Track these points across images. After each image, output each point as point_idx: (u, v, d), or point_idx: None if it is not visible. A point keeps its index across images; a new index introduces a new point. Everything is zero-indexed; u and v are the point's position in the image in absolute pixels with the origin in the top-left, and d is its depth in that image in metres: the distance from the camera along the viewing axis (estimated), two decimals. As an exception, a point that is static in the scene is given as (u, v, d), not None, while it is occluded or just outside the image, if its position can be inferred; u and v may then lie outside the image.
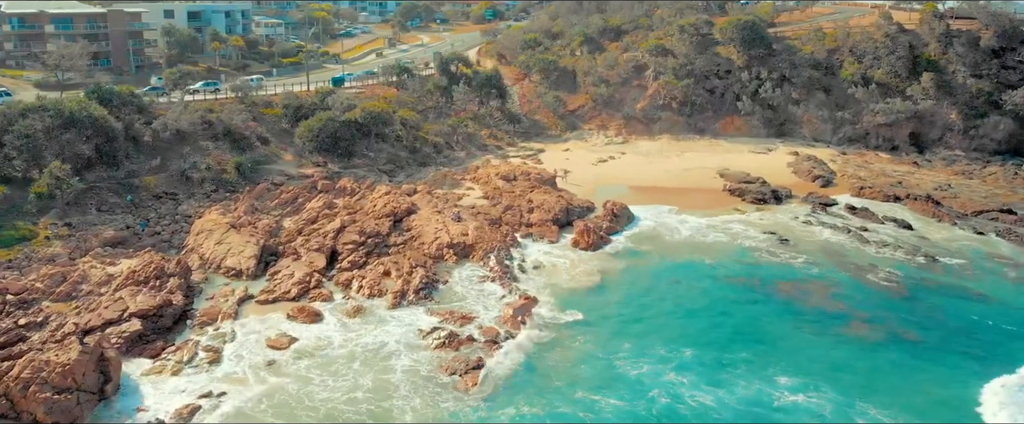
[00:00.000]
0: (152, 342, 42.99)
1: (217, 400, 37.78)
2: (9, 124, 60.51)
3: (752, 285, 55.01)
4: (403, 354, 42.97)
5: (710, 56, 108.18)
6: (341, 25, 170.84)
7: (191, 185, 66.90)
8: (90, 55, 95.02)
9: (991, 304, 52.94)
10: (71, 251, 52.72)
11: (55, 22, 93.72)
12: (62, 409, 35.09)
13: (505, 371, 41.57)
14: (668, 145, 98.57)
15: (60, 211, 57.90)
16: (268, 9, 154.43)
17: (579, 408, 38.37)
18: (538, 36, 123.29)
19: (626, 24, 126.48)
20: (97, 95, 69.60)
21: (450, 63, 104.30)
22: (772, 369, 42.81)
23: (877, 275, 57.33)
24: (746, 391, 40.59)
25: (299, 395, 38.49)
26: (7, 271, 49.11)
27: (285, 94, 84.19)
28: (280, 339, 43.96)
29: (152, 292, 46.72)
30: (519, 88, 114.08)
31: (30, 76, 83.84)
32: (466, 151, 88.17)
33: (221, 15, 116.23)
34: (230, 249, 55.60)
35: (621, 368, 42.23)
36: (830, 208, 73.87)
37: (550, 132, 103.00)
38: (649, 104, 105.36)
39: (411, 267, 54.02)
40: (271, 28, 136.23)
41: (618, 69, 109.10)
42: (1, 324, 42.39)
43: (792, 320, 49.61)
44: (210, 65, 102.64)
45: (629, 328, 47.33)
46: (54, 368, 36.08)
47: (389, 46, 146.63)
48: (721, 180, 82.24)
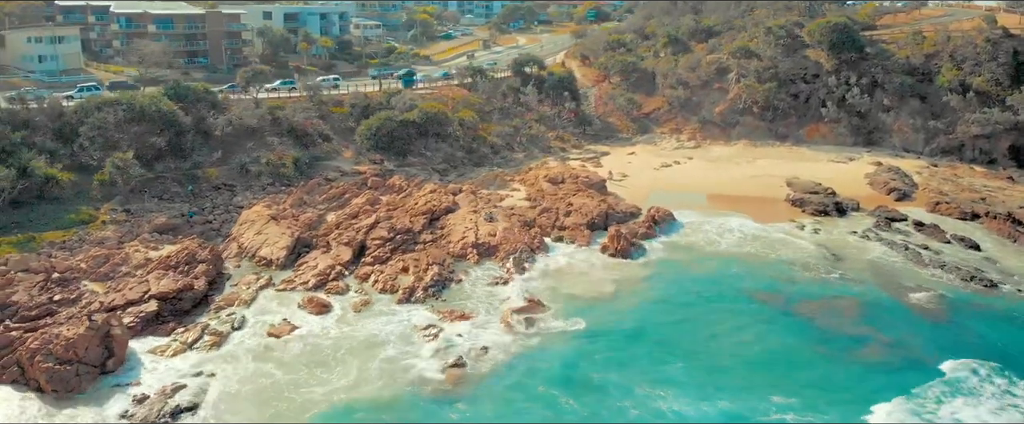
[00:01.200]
0: (166, 322, 46.13)
1: (205, 380, 40.18)
2: (86, 116, 66.18)
3: (776, 302, 52.64)
4: (390, 348, 44.14)
5: (798, 59, 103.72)
6: (443, 27, 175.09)
7: (249, 178, 70.86)
8: (187, 53, 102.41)
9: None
10: (121, 235, 57.19)
11: (157, 22, 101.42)
12: (61, 378, 38.42)
13: (485, 372, 41.87)
14: (742, 151, 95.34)
15: (123, 198, 62.86)
16: (370, 11, 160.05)
17: (546, 415, 38.16)
18: (622, 37, 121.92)
19: (718, 25, 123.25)
20: (174, 91, 74.83)
21: (524, 65, 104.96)
22: (761, 388, 41.04)
23: (920, 298, 53.51)
24: (727, 406, 39.18)
25: (279, 382, 40.33)
26: (61, 251, 53.91)
27: (353, 93, 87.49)
28: (282, 327, 46.14)
29: (177, 276, 50.07)
30: (597, 90, 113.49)
31: (130, 72, 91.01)
32: (526, 152, 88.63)
33: (316, 17, 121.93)
34: (266, 240, 58.64)
35: (600, 379, 41.55)
36: (896, 223, 69.36)
37: (621, 135, 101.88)
38: (728, 108, 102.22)
39: (428, 264, 55.19)
40: (369, 30, 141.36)
41: (699, 71, 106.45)
42: (38, 298, 46.62)
43: (802, 340, 47.19)
44: (298, 64, 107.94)
45: (626, 340, 46.34)
46: (60, 341, 39.55)
47: (483, 48, 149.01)
48: (786, 190, 78.93)
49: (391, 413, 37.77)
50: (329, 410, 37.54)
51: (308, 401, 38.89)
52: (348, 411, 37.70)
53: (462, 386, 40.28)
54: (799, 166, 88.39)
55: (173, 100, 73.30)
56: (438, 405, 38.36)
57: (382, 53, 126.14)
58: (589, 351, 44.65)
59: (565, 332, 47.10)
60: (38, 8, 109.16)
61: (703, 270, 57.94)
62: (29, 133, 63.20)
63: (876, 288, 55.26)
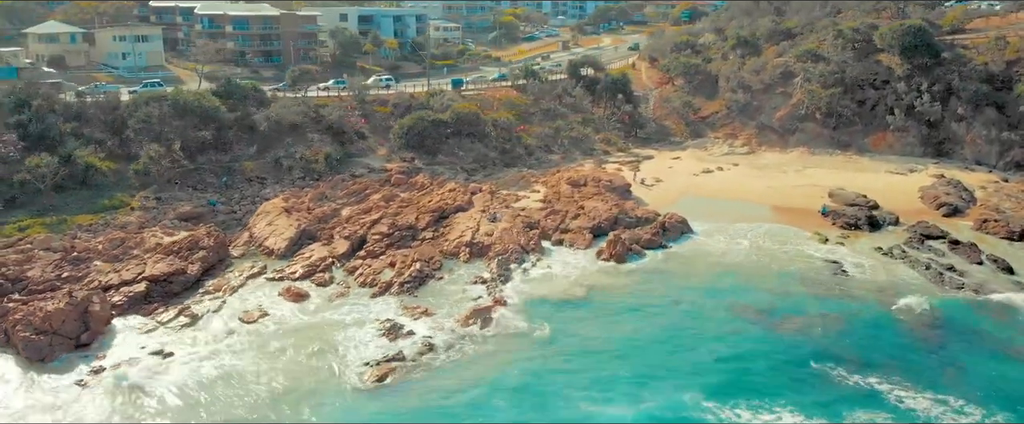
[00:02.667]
0: (152, 303, 49.77)
1: (161, 358, 43.21)
2: (135, 110, 71.83)
3: (757, 316, 50.67)
4: (340, 339, 45.88)
5: (869, 64, 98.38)
6: (531, 28, 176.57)
7: (281, 172, 74.76)
8: (262, 53, 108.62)
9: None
10: (144, 221, 61.91)
11: (233, 23, 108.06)
12: (35, 347, 42.46)
13: (419, 369, 42.81)
14: (796, 159, 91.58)
15: (158, 187, 67.88)
16: (454, 14, 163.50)
17: (457, 415, 38.58)
18: (690, 38, 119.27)
19: (798, 27, 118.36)
20: (224, 88, 79.91)
21: (579, 67, 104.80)
22: (692, 393, 40.32)
23: (918, 319, 50.26)
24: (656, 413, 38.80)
25: (223, 363, 42.80)
26: (86, 233, 59.06)
27: (397, 93, 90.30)
28: (252, 313, 48.86)
29: (174, 261, 53.86)
30: (660, 92, 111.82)
31: (202, 69, 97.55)
32: (564, 154, 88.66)
33: (389, 19, 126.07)
34: (274, 230, 61.90)
35: (538, 384, 41.44)
36: (931, 240, 65.00)
37: (673, 139, 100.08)
38: (789, 113, 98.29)
39: (413, 261, 56.67)
40: (448, 32, 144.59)
41: (763, 74, 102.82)
42: (48, 275, 51.41)
43: (761, 356, 45.41)
44: (364, 65, 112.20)
45: (581, 347, 45.90)
46: (39, 313, 43.66)
47: (562, 49, 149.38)
48: (825, 200, 75.43)
49: (309, 401, 39.35)
50: (253, 406, 39.33)
51: (243, 380, 41.10)
52: (271, 397, 39.57)
53: (389, 381, 41.27)
54: (852, 176, 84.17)
55: (222, 97, 78.29)
56: (355, 398, 39.61)
57: (454, 55, 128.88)
58: (533, 355, 44.70)
59: (520, 335, 47.28)
60: (128, 8, 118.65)
61: (695, 281, 56.46)
62: (80, 124, 69.25)
63: (873, 305, 52.30)
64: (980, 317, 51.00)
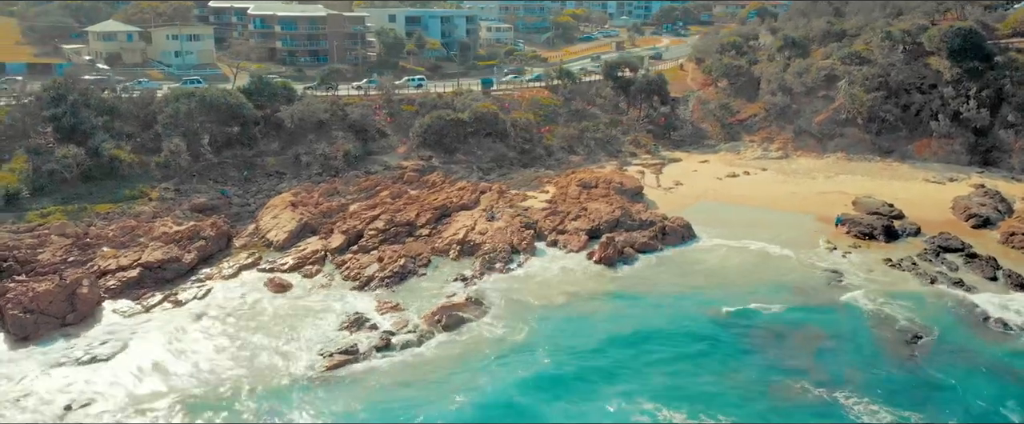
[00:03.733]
0: (143, 288, 52.45)
1: (130, 339, 45.51)
2: (165, 105, 75.57)
3: (732, 325, 49.43)
4: (305, 328, 47.30)
5: (917, 67, 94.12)
6: (590, 28, 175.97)
7: (300, 167, 77.19)
8: (309, 52, 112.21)
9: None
10: (158, 211, 65.11)
11: (281, 24, 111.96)
12: (21, 325, 45.45)
13: (369, 363, 43.65)
14: (831, 165, 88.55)
15: (179, 179, 71.24)
16: (510, 15, 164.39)
17: (384, 414, 39.03)
18: (735, 39, 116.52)
19: (854, 28, 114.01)
20: (255, 86, 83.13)
21: (616, 67, 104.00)
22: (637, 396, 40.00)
23: (900, 333, 48.07)
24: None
25: (185, 346, 44.79)
26: (102, 221, 62.57)
27: (424, 93, 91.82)
28: (232, 301, 50.90)
29: (171, 249, 56.56)
30: (702, 94, 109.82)
31: (238, 67, 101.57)
32: (587, 155, 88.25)
33: (437, 20, 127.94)
34: (277, 223, 64.11)
35: (480, 385, 41.53)
36: (949, 253, 61.91)
37: (708, 142, 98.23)
38: (829, 118, 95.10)
39: (398, 256, 57.75)
40: (500, 33, 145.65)
41: (806, 77, 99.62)
42: (55, 258, 54.84)
43: (726, 363, 44.43)
44: (406, 64, 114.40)
45: (538, 349, 45.49)
46: (28, 294, 46.74)
47: (616, 50, 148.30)
48: (848, 208, 72.78)
49: (249, 385, 40.74)
50: (198, 386, 41.08)
51: (198, 363, 42.97)
52: (215, 381, 41.21)
53: (335, 375, 42.21)
54: (885, 184, 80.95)
55: (252, 94, 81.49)
56: (295, 390, 40.71)
57: (501, 56, 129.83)
58: (488, 357, 44.78)
59: (482, 337, 47.40)
60: (187, 8, 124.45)
61: (680, 288, 55.38)
62: (111, 119, 73.32)
63: (858, 319, 50.28)
64: (969, 334, 48.43)
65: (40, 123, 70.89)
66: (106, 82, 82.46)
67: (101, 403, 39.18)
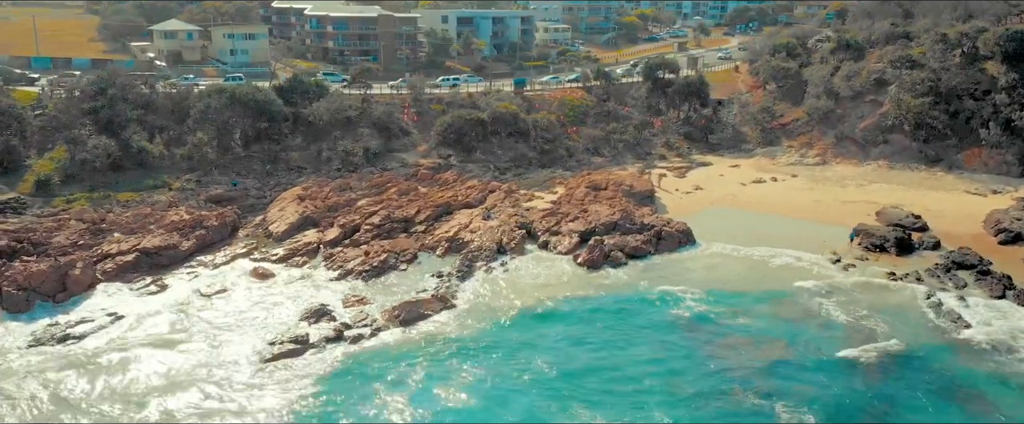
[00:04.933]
0: (137, 271, 55.65)
1: (111, 319, 48.41)
2: (197, 101, 79.59)
3: (694, 333, 48.34)
4: (269, 317, 49.13)
5: (971, 72, 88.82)
6: (656, 28, 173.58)
7: (320, 162, 79.73)
8: (360, 52, 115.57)
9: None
10: (174, 201, 68.69)
11: (334, 24, 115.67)
12: (13, 300, 49.13)
13: (318, 354, 44.96)
14: (870, 172, 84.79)
15: (203, 171, 74.91)
16: (573, 16, 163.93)
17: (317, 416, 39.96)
18: (789, 41, 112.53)
19: (919, 31, 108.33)
20: (290, 84, 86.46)
21: (655, 68, 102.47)
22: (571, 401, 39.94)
23: (867, 353, 45.79)
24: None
25: (154, 330, 47.30)
26: (120, 208, 66.54)
27: (452, 92, 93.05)
28: (211, 287, 53.39)
29: (172, 236, 59.71)
30: (750, 96, 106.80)
31: (297, 64, 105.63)
32: (612, 157, 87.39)
33: (488, 21, 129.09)
34: (282, 216, 66.61)
35: (409, 381, 42.21)
36: (962, 270, 58.37)
37: (745, 146, 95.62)
38: (875, 124, 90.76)
39: (383, 252, 59.04)
40: (557, 33, 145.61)
41: (855, 81, 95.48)
42: (67, 241, 58.83)
43: (672, 373, 43.50)
44: (454, 64, 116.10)
45: (484, 349, 45.82)
46: (22, 272, 50.49)
47: (678, 50, 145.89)
48: (870, 218, 69.57)
49: (191, 365, 42.89)
50: (151, 365, 43.46)
51: (157, 345, 45.37)
52: (166, 362, 43.43)
53: (280, 364, 43.63)
54: (921, 194, 76.95)
55: (285, 91, 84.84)
56: (234, 371, 42.51)
57: (553, 56, 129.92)
58: (429, 351, 45.33)
59: (435, 333, 47.89)
60: (249, 8, 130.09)
61: (655, 293, 54.45)
62: (145, 112, 77.76)
63: (831, 333, 48.17)
64: (946, 355, 45.64)
65: (82, 115, 75.90)
66: (153, 78, 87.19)
67: (53, 377, 42.01)
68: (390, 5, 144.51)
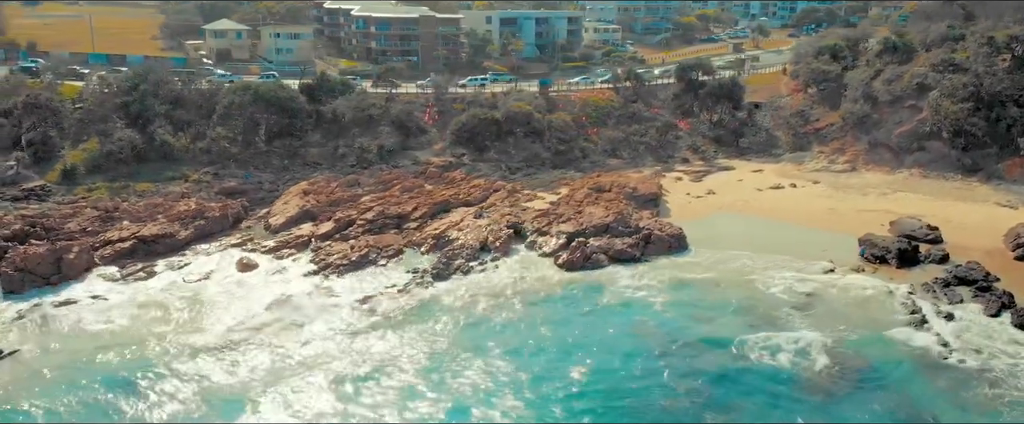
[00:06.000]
0: (133, 258, 58.65)
1: (94, 301, 51.41)
2: (223, 98, 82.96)
3: (648, 339, 47.72)
4: (237, 304, 51.21)
5: (1019, 78, 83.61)
6: (718, 29, 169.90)
7: (336, 159, 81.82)
8: (401, 52, 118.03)
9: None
10: (187, 192, 71.84)
11: (376, 25, 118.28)
12: (9, 280, 52.74)
13: (263, 340, 46.63)
14: (898, 181, 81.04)
15: (221, 164, 78.05)
16: (628, 16, 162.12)
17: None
18: (835, 43, 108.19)
19: (977, 33, 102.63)
20: (317, 81, 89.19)
21: (689, 70, 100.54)
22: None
23: (819, 369, 44.01)
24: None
25: (130, 310, 49.93)
26: (136, 197, 70.10)
27: (474, 92, 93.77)
28: (190, 276, 55.86)
29: (173, 225, 62.64)
30: (789, 100, 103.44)
31: (341, 63, 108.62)
32: (629, 159, 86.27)
33: (531, 21, 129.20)
34: (284, 209, 68.92)
35: (339, 371, 43.64)
36: (964, 285, 55.27)
37: (775, 151, 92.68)
38: (912, 130, 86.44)
39: (364, 246, 60.32)
40: (606, 33, 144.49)
41: (896, 85, 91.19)
42: (78, 227, 62.49)
43: (603, 374, 43.22)
44: (492, 64, 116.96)
45: (424, 346, 46.71)
46: (21, 255, 54.05)
47: (734, 52, 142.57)
48: (884, 229, 66.68)
49: (149, 345, 45.21)
50: (110, 344, 45.89)
51: (128, 324, 47.96)
52: (124, 344, 45.71)
53: (230, 347, 45.53)
54: (946, 205, 73.30)
55: (313, 89, 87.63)
56: (181, 351, 44.54)
57: (597, 56, 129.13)
58: (361, 352, 46.14)
59: (372, 327, 48.98)
60: (300, 8, 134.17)
61: (623, 297, 54.03)
62: (172, 107, 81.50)
63: (784, 346, 46.49)
64: (909, 375, 43.48)
65: (115, 109, 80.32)
66: (193, 75, 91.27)
67: (23, 352, 44.89)
68: (445, 6, 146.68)
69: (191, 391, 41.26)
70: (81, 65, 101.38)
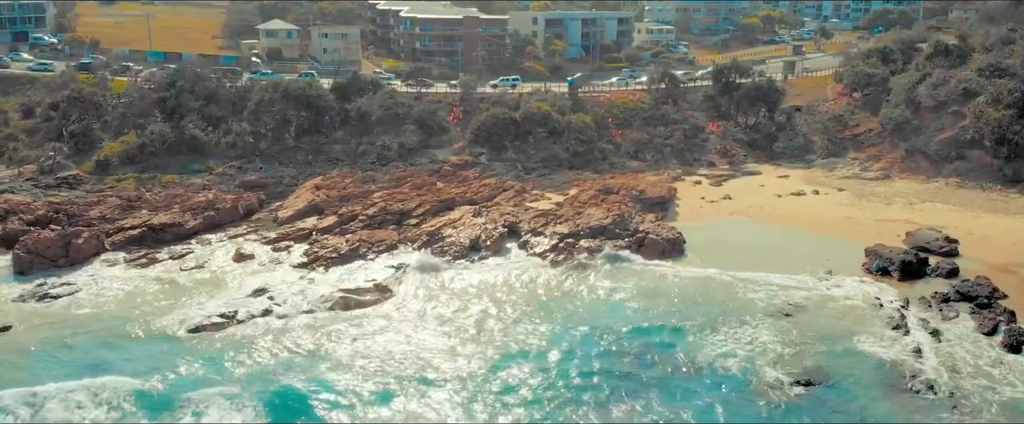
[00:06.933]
0: (141, 245, 61.76)
1: (91, 283, 54.50)
2: (254, 95, 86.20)
3: (597, 339, 47.20)
4: (221, 292, 53.23)
5: (1074, 82, 78.36)
6: (782, 30, 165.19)
7: (356, 156, 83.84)
8: (446, 53, 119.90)
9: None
10: (207, 184, 74.98)
11: (421, 26, 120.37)
12: (19, 261, 56.42)
13: (239, 328, 48.36)
14: (931, 191, 77.36)
15: (246, 158, 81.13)
16: (686, 16, 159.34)
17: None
18: (889, 45, 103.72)
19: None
20: (347, 80, 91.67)
21: (724, 72, 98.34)
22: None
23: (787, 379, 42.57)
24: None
25: (120, 296, 52.68)
26: (161, 188, 73.65)
27: (500, 92, 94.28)
28: (187, 264, 58.46)
29: (184, 215, 65.63)
30: (833, 104, 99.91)
31: (387, 62, 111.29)
32: (655, 161, 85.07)
33: (577, 22, 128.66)
34: (294, 203, 71.22)
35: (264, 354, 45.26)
36: (966, 301, 52.33)
37: (809, 156, 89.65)
38: (953, 138, 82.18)
39: (358, 241, 61.72)
40: (660, 34, 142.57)
41: (942, 90, 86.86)
42: (99, 214, 66.22)
43: (535, 374, 43.10)
44: (533, 65, 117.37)
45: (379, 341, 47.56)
46: (33, 238, 57.77)
47: (794, 54, 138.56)
48: (898, 239, 63.86)
49: (126, 329, 47.58)
50: (92, 322, 48.63)
51: (117, 307, 50.72)
52: (106, 326, 48.26)
53: (204, 333, 47.50)
54: (975, 217, 69.79)
55: (344, 88, 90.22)
56: (155, 337, 46.70)
57: (645, 57, 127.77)
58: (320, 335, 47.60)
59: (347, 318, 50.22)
60: (350, 9, 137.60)
61: (595, 295, 53.64)
62: (205, 103, 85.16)
63: (741, 355, 45.22)
64: (866, 389, 41.54)
65: (153, 104, 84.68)
66: (234, 73, 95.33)
67: (15, 328, 48.06)
68: (499, 6, 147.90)
69: (145, 367, 43.38)
70: (139, 62, 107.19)
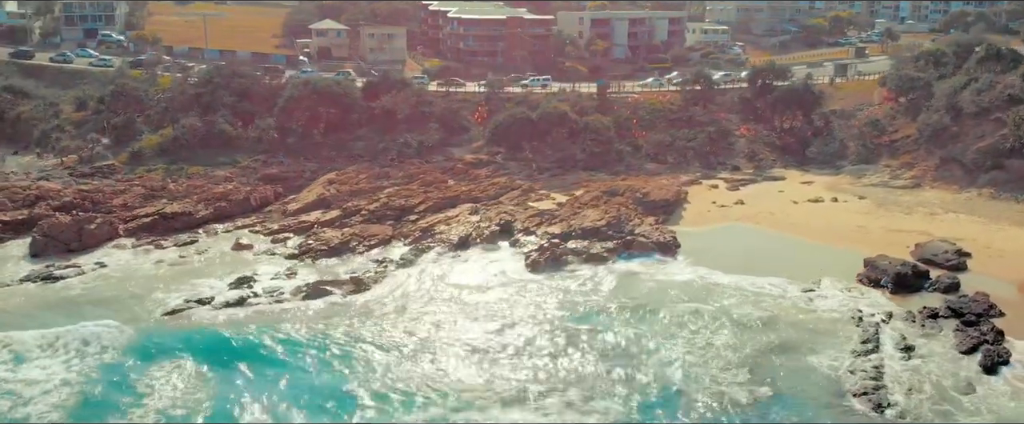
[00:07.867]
0: (151, 232, 65.21)
1: (96, 266, 58.03)
2: (285, 92, 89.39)
3: (568, 336, 47.43)
4: (208, 279, 55.83)
5: None
6: (851, 31, 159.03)
7: (377, 152, 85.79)
8: (488, 53, 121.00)
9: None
10: (231, 176, 78.23)
11: (465, 26, 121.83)
12: (38, 245, 60.48)
13: (210, 312, 50.92)
14: (960, 202, 73.90)
15: (271, 152, 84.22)
16: (747, 16, 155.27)
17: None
18: (939, 48, 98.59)
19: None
20: (378, 79, 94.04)
21: (760, 74, 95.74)
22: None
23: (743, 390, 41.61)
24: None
25: (115, 279, 55.92)
26: (186, 179, 77.28)
27: (525, 92, 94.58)
28: (187, 252, 61.42)
29: (196, 205, 68.89)
30: (877, 109, 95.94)
31: (431, 62, 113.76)
32: (676, 163, 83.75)
33: (624, 22, 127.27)
34: (306, 196, 73.64)
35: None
36: (954, 318, 49.88)
37: (840, 162, 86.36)
38: (991, 146, 77.68)
39: (350, 236, 63.42)
40: (714, 35, 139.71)
41: (987, 96, 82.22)
42: (121, 202, 70.22)
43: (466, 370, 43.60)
44: (573, 65, 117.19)
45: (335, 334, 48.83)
46: (48, 224, 61.87)
47: (856, 56, 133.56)
48: (906, 251, 61.12)
49: (109, 310, 50.54)
50: (85, 300, 51.87)
51: (112, 292, 53.89)
52: (92, 306, 51.41)
53: (180, 317, 50.04)
54: (999, 230, 66.71)
55: (376, 86, 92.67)
56: (134, 318, 49.43)
57: (693, 58, 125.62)
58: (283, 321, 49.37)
59: (315, 307, 51.96)
60: (401, 9, 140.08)
61: (559, 298, 53.34)
62: (239, 99, 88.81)
63: (675, 360, 44.46)
64: (806, 406, 40.16)
65: (191, 100, 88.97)
66: (271, 71, 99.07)
67: (12, 306, 51.78)
68: (558, 6, 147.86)
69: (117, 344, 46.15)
70: (197, 60, 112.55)
